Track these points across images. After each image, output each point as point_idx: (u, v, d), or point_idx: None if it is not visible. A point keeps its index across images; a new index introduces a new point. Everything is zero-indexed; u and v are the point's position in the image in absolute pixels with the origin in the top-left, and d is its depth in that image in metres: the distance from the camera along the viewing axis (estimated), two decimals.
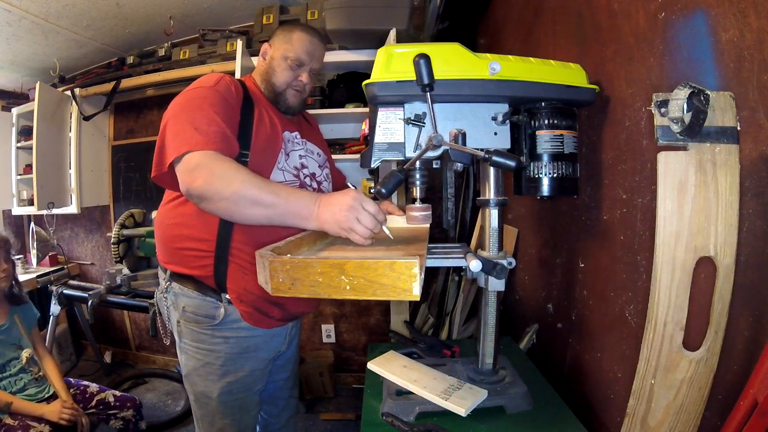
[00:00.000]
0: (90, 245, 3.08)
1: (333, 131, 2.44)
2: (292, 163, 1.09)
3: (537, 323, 1.35)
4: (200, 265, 1.02)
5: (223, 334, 1.03)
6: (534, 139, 0.86)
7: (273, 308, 1.05)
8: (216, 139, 0.88)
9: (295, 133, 1.13)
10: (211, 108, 0.93)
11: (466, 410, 0.84)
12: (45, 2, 2.01)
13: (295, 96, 1.13)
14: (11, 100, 2.90)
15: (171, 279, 1.06)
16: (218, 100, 0.95)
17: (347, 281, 0.54)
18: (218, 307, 1.02)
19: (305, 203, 0.81)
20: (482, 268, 0.81)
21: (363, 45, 2.06)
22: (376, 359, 1.05)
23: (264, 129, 1.03)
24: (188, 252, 1.03)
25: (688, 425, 0.68)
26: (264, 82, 1.13)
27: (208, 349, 1.04)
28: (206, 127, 0.89)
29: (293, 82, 1.11)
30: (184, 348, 1.07)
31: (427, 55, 0.73)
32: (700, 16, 0.66)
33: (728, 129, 0.63)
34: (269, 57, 1.13)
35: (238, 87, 1.04)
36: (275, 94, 1.12)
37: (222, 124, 0.91)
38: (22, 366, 1.65)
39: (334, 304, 2.61)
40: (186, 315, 1.04)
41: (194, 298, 1.03)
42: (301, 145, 1.14)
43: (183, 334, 1.06)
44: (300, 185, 1.09)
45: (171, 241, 1.06)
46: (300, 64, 1.10)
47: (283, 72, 1.10)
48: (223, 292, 1.02)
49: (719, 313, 0.65)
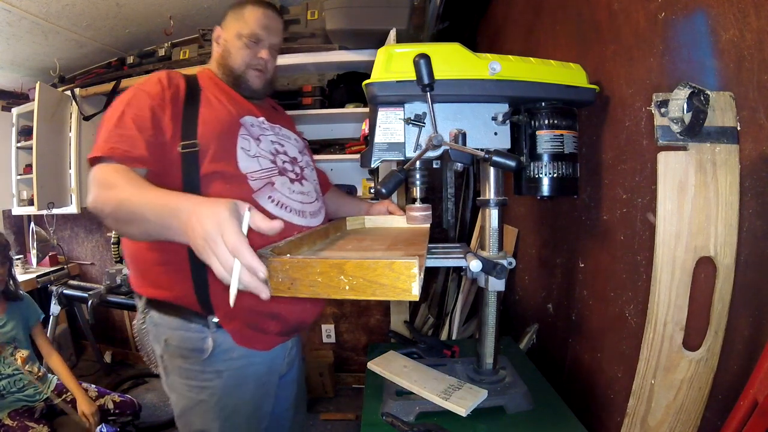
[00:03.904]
0: (90, 245, 3.08)
1: (333, 131, 2.44)
2: (266, 148, 0.99)
3: (537, 323, 1.35)
4: (178, 285, 0.90)
5: (215, 368, 0.92)
6: (534, 139, 0.86)
7: (269, 321, 0.94)
8: (118, 144, 0.82)
9: (260, 118, 1.03)
10: (126, 110, 0.86)
11: (466, 410, 0.84)
12: (45, 2, 2.01)
13: (257, 77, 1.04)
14: (11, 100, 2.90)
15: (148, 306, 0.95)
16: (137, 100, 0.88)
17: (346, 281, 0.53)
18: (205, 338, 0.90)
19: (175, 214, 0.64)
20: (482, 268, 0.81)
21: (363, 45, 2.06)
22: (376, 359, 1.05)
23: (212, 114, 0.94)
24: (160, 269, 0.91)
25: (688, 425, 0.68)
26: (221, 68, 1.04)
27: (200, 386, 0.92)
28: (111, 132, 0.84)
29: (252, 60, 1.03)
30: (172, 385, 0.95)
31: (427, 55, 0.73)
32: (700, 16, 0.66)
33: (728, 129, 0.63)
34: (222, 40, 1.05)
35: (174, 79, 0.96)
36: (235, 78, 1.03)
37: (129, 127, 0.84)
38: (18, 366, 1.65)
39: (334, 304, 2.61)
40: (170, 349, 0.92)
41: (177, 330, 0.91)
42: (271, 131, 1.04)
43: (169, 370, 0.94)
44: (279, 172, 0.98)
45: (139, 258, 0.94)
46: (256, 40, 1.02)
47: (239, 52, 1.02)
48: (210, 315, 0.90)
49: (719, 313, 0.64)
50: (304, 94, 2.28)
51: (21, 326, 1.73)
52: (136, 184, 0.76)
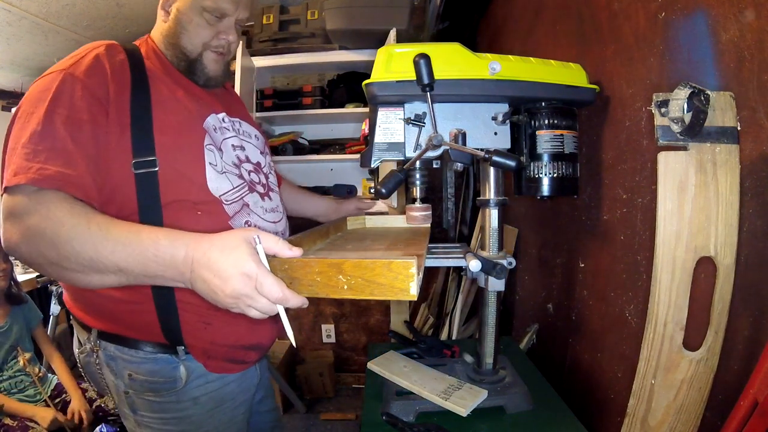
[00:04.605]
0: None
1: (333, 131, 2.44)
2: (229, 159, 0.82)
3: (537, 323, 1.35)
4: (139, 321, 0.75)
5: (191, 395, 0.80)
6: (534, 139, 0.86)
7: (250, 353, 0.86)
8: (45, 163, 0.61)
9: (221, 114, 0.85)
10: (53, 109, 0.64)
11: (466, 410, 0.84)
12: (45, 2, 2.01)
13: (216, 61, 0.84)
14: (11, 100, 2.90)
15: (100, 339, 0.78)
16: (68, 94, 0.66)
17: (345, 281, 0.53)
18: (176, 367, 0.77)
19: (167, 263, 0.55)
20: (482, 268, 0.81)
21: (363, 45, 2.06)
22: (376, 359, 1.05)
23: (170, 117, 0.75)
24: (116, 306, 0.75)
25: (688, 425, 0.68)
26: (169, 46, 0.82)
27: (177, 418, 0.81)
28: (35, 144, 0.62)
29: (212, 41, 0.81)
30: (143, 422, 0.81)
31: (427, 55, 0.73)
32: (700, 16, 0.66)
33: (728, 129, 0.63)
34: (174, 9, 0.80)
35: (117, 62, 0.73)
36: (188, 62, 0.82)
37: (61, 136, 0.63)
38: (21, 367, 1.65)
39: (334, 304, 2.61)
40: (136, 385, 0.78)
41: (142, 363, 0.77)
42: (231, 130, 0.86)
43: (138, 407, 0.80)
44: (249, 188, 0.84)
45: (87, 292, 0.75)
46: (221, 14, 0.80)
47: (197, 29, 0.80)
48: (179, 345, 0.78)
49: (719, 313, 0.64)
50: (304, 94, 2.28)
51: (24, 329, 1.74)
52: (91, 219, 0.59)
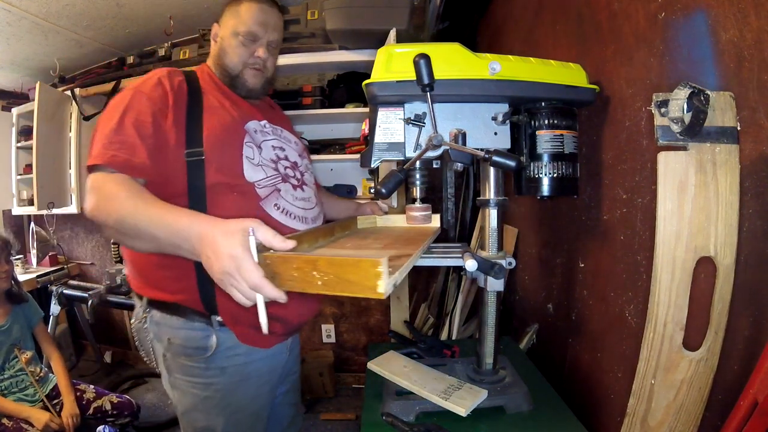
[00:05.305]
0: (90, 245, 3.08)
1: (333, 131, 2.44)
2: (267, 156, 0.97)
3: (537, 323, 1.35)
4: (182, 288, 0.89)
5: (219, 364, 0.92)
6: (534, 139, 0.86)
7: (273, 324, 0.93)
8: (118, 152, 0.79)
9: (263, 121, 1.01)
10: (125, 114, 0.83)
11: (466, 410, 0.84)
12: (45, 2, 2.01)
13: (255, 76, 1.01)
14: (11, 100, 2.90)
15: (149, 307, 0.94)
16: (137, 104, 0.85)
17: (318, 277, 0.55)
18: (209, 336, 0.90)
19: (185, 237, 0.68)
20: (479, 267, 0.81)
21: (363, 45, 2.06)
22: (376, 359, 1.05)
23: (216, 119, 0.92)
24: (165, 273, 0.90)
25: (688, 425, 0.68)
26: (218, 67, 1.01)
27: (204, 383, 0.93)
28: (111, 138, 0.80)
29: (249, 59, 0.99)
30: (175, 383, 0.95)
31: (427, 55, 0.73)
32: (700, 16, 0.66)
33: (728, 129, 0.63)
34: (219, 38, 1.02)
35: (176, 80, 0.92)
36: (231, 78, 1.00)
37: (130, 133, 0.82)
38: (22, 366, 1.65)
39: (334, 304, 2.61)
40: (173, 348, 0.92)
41: (180, 329, 0.91)
42: (272, 134, 1.02)
43: (172, 368, 0.94)
44: (282, 179, 0.98)
45: (140, 261, 0.92)
46: (253, 38, 0.98)
47: (235, 50, 0.98)
48: (214, 315, 0.90)
49: (719, 313, 0.64)
50: (304, 94, 2.28)
51: (25, 328, 1.74)
52: (140, 197, 0.75)
